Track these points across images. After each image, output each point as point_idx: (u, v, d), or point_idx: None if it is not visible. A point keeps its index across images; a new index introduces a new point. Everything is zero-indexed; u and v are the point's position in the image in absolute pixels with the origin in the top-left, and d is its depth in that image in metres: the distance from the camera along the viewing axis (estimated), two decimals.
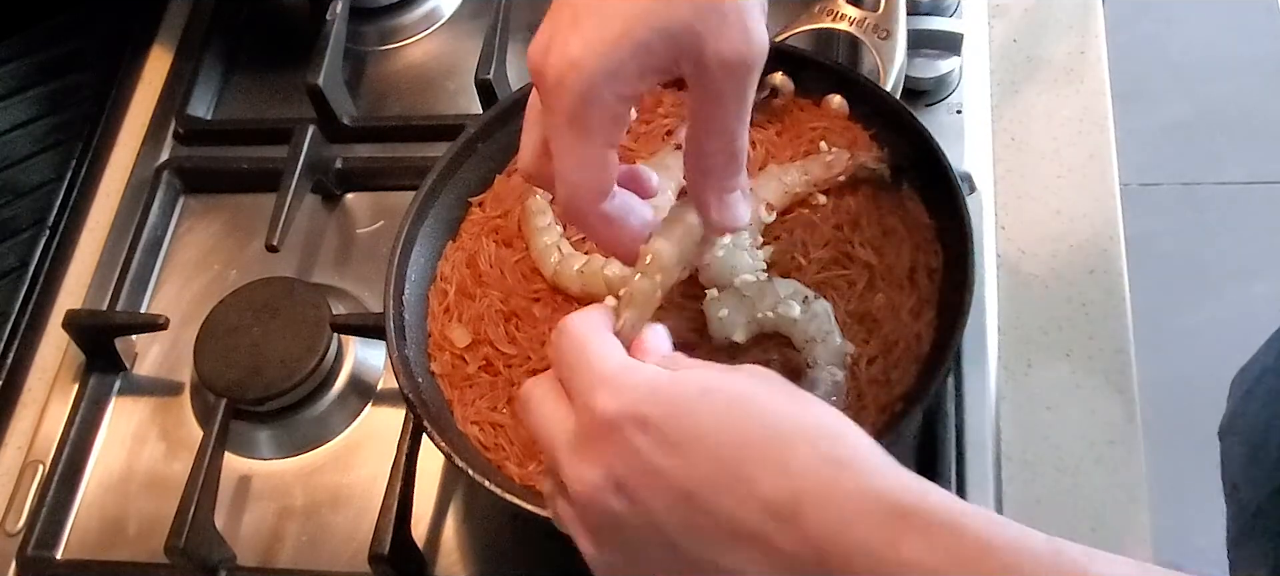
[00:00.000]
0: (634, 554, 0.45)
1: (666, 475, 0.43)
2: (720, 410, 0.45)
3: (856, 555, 0.41)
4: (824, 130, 0.72)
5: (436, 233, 0.73)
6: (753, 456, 0.43)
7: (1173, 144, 2.07)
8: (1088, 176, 0.79)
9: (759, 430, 0.44)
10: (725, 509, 0.42)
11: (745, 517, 0.42)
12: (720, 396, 0.45)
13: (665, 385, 0.46)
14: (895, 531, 0.40)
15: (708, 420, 0.44)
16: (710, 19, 0.48)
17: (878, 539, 0.40)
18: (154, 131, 0.94)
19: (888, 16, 0.77)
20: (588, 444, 0.46)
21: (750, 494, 0.42)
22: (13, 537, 0.75)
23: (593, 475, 0.45)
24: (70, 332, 0.81)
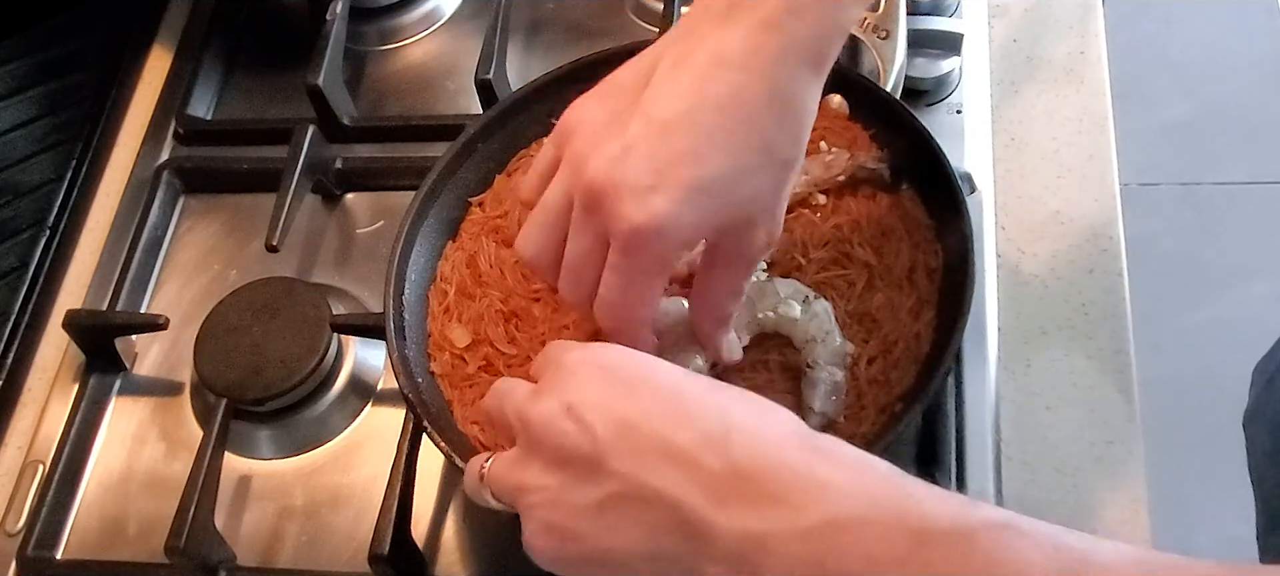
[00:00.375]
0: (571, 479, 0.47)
1: (613, 404, 0.47)
2: (675, 374, 0.50)
3: (770, 473, 0.44)
4: (824, 130, 0.72)
5: (436, 233, 0.73)
6: (694, 401, 0.47)
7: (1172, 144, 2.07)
8: (1088, 176, 0.79)
9: (706, 388, 0.49)
10: (660, 433, 0.46)
11: (679, 441, 0.45)
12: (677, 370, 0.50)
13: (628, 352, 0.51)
14: (812, 458, 0.44)
15: (661, 376, 0.49)
16: (765, 216, 0.55)
17: (798, 460, 0.44)
18: (154, 131, 0.94)
19: (888, 16, 0.77)
20: (550, 384, 0.50)
21: (686, 425, 0.46)
22: (13, 537, 0.75)
23: (550, 403, 0.49)
24: (70, 332, 0.81)
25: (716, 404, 0.47)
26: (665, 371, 0.50)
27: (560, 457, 0.48)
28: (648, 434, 0.46)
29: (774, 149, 0.53)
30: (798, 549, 0.42)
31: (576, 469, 0.47)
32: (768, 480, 0.44)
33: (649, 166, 0.52)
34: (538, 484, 0.49)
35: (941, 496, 0.43)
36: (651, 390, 0.48)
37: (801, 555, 0.42)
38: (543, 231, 0.58)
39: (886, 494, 0.43)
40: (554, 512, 0.48)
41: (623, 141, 0.53)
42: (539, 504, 0.48)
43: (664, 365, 0.50)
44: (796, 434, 0.46)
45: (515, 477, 0.50)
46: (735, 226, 0.55)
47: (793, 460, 0.44)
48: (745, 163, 0.53)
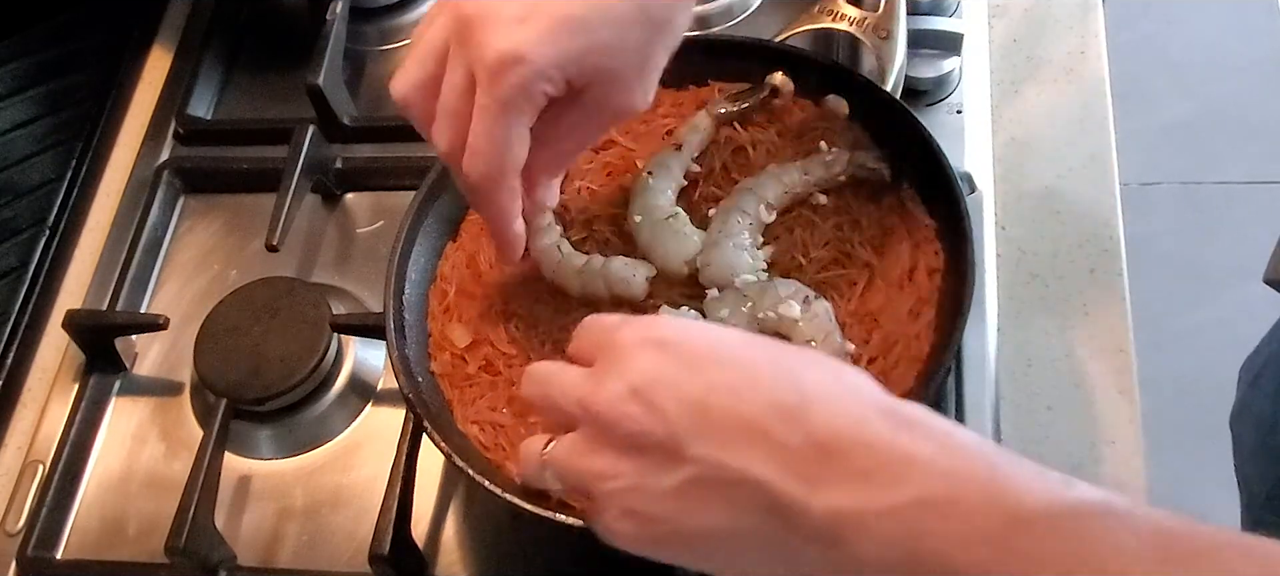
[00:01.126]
0: (647, 465, 0.46)
1: (681, 384, 0.46)
2: (734, 337, 0.49)
3: (856, 448, 0.43)
4: (824, 130, 0.72)
5: (436, 233, 0.73)
6: (763, 371, 0.46)
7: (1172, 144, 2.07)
8: (1088, 176, 0.79)
9: (769, 351, 0.48)
10: (734, 410, 0.45)
11: (754, 416, 0.44)
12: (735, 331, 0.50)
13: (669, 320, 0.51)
14: (896, 430, 0.43)
15: (722, 344, 0.48)
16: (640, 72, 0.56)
17: (881, 433, 0.43)
18: (154, 131, 0.94)
19: (888, 16, 0.77)
20: (609, 367, 0.48)
21: (759, 397, 0.45)
22: (13, 537, 0.75)
23: (614, 386, 0.47)
24: (70, 332, 0.81)
25: (788, 372, 0.46)
26: (727, 340, 0.49)
27: (634, 444, 0.47)
28: (722, 412, 0.45)
29: (646, 4, 0.55)
30: (888, 527, 0.42)
31: (652, 455, 0.46)
32: (853, 455, 0.43)
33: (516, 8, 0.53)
34: (612, 471, 0.47)
35: (1035, 473, 0.42)
36: (717, 363, 0.47)
37: (892, 534, 0.42)
38: (419, 66, 0.58)
39: (976, 470, 0.42)
40: (633, 498, 0.47)
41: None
42: (616, 491, 0.47)
43: (721, 331, 0.50)
44: (876, 403, 0.45)
45: (586, 465, 0.49)
46: (600, 75, 0.55)
47: (876, 433, 0.43)
48: (618, 13, 0.54)
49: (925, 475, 0.42)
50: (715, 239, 0.67)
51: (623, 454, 0.47)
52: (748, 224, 0.67)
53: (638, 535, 0.48)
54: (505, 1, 0.53)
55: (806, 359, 0.48)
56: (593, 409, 0.48)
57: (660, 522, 0.47)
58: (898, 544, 0.42)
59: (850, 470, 0.43)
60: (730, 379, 0.46)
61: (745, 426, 0.44)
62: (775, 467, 0.44)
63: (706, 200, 0.71)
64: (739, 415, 0.45)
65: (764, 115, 0.73)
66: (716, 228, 0.68)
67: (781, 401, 0.45)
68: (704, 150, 0.72)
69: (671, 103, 0.74)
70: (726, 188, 0.71)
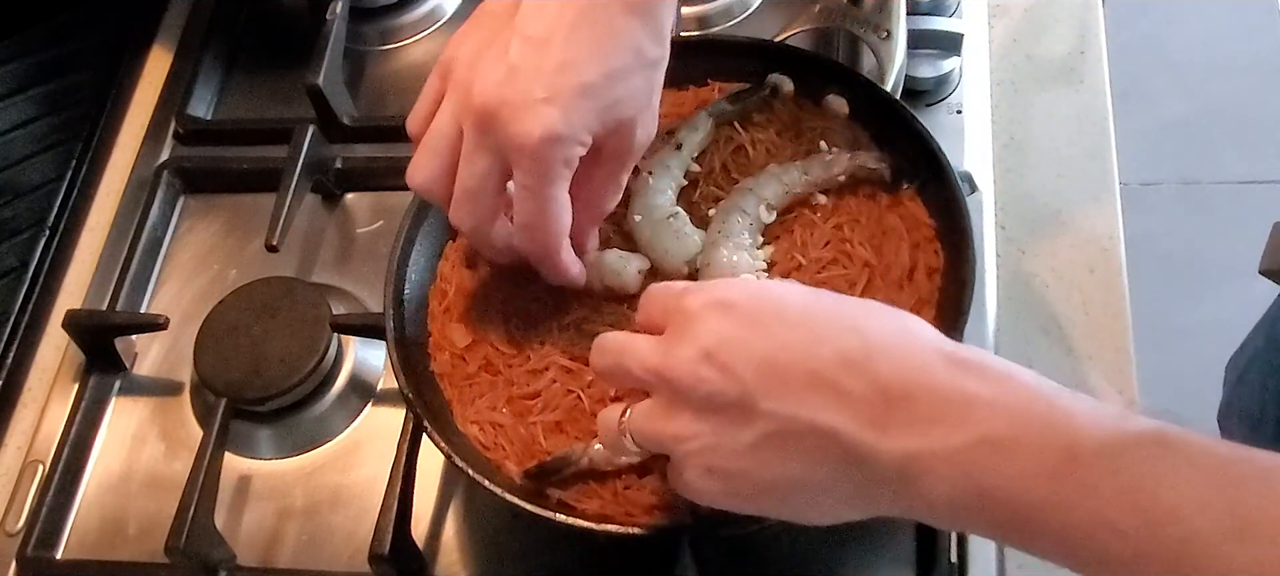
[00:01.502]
0: (724, 424, 0.49)
1: (750, 343, 0.48)
2: (796, 293, 0.51)
3: (921, 394, 0.45)
4: (824, 130, 0.72)
5: (436, 233, 0.73)
6: (826, 323, 0.49)
7: (1172, 143, 2.07)
8: (1088, 176, 0.79)
9: (832, 305, 0.51)
10: (802, 365, 0.47)
11: (821, 369, 0.47)
12: (797, 287, 0.52)
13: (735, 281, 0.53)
14: (957, 374, 0.45)
15: (786, 302, 0.50)
16: (643, 113, 0.61)
17: (944, 377, 0.45)
18: (154, 131, 0.94)
19: (888, 16, 0.77)
20: (679, 333, 0.50)
21: (825, 349, 0.47)
22: (13, 537, 0.75)
23: (686, 351, 0.49)
24: (70, 332, 0.81)
25: (851, 322, 0.48)
26: (792, 297, 0.51)
27: (710, 405, 0.49)
28: (791, 368, 0.47)
29: (642, 51, 0.59)
30: (954, 468, 0.44)
31: (728, 414, 0.48)
32: (918, 400, 0.45)
33: (536, 81, 0.56)
34: (690, 432, 0.50)
35: (1092, 408, 0.44)
36: (782, 320, 0.49)
37: (958, 474, 0.44)
38: (435, 158, 0.61)
39: (1036, 409, 0.44)
40: (713, 457, 0.49)
41: (506, 63, 0.57)
42: (696, 451, 0.50)
43: (784, 288, 0.52)
44: (938, 348, 0.47)
45: (666, 429, 0.51)
46: (618, 125, 0.59)
47: (939, 377, 0.45)
48: (619, 65, 0.58)
49: (987, 416, 0.44)
50: (715, 239, 0.67)
51: (699, 415, 0.49)
52: (748, 224, 0.67)
53: (720, 491, 0.50)
54: (523, 85, 0.56)
55: (869, 309, 0.50)
56: (667, 375, 0.50)
57: (740, 477, 0.49)
58: (964, 482, 0.44)
59: (916, 414, 0.45)
60: (797, 335, 0.48)
61: (814, 379, 0.47)
62: (845, 416, 0.46)
63: (706, 200, 0.71)
64: (807, 369, 0.47)
65: (764, 115, 0.73)
66: (716, 227, 0.68)
67: (847, 352, 0.47)
68: (704, 150, 0.72)
69: (671, 103, 0.74)
70: (726, 188, 0.71)
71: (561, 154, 0.57)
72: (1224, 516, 0.39)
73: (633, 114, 0.60)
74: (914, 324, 0.49)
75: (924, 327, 0.49)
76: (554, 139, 0.56)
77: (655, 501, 0.61)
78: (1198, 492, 0.40)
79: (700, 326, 0.50)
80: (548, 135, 0.56)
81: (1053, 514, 0.42)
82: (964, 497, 0.44)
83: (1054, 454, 0.42)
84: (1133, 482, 0.41)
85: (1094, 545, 0.41)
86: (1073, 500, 0.42)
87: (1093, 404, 0.44)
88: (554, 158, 0.57)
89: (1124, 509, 0.41)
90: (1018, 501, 0.43)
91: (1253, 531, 0.38)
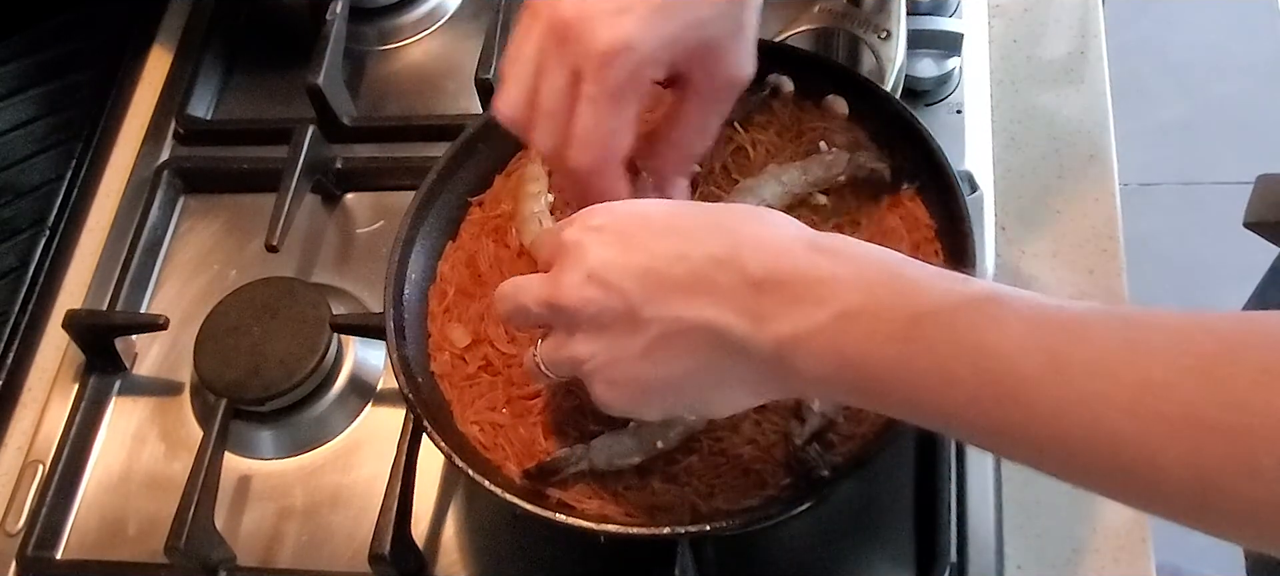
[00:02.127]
0: (615, 337, 0.52)
1: (627, 258, 0.51)
2: (659, 206, 0.55)
3: (786, 280, 0.48)
4: (824, 130, 0.72)
5: (436, 232, 0.73)
6: (694, 228, 0.51)
7: (1172, 144, 2.07)
8: (1088, 177, 0.79)
9: (696, 211, 0.54)
10: (677, 268, 0.50)
11: (694, 270, 0.50)
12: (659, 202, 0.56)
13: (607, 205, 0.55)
14: (817, 257, 0.48)
15: (653, 216, 0.53)
16: (736, 38, 0.59)
17: (806, 262, 0.48)
18: (154, 131, 0.94)
19: (888, 16, 0.77)
20: (563, 263, 0.53)
21: (696, 251, 0.50)
22: (13, 537, 0.75)
23: (571, 277, 0.52)
24: (70, 332, 0.81)
25: (718, 226, 0.51)
26: (656, 210, 0.54)
27: (599, 322, 0.52)
28: (666, 273, 0.50)
29: None
30: (819, 343, 0.47)
31: (617, 327, 0.51)
32: (784, 286, 0.48)
33: None
34: (588, 352, 0.53)
35: (935, 275, 0.47)
36: (650, 232, 0.52)
37: (823, 349, 0.47)
38: (519, 84, 0.60)
39: (885, 280, 0.47)
40: (612, 370, 0.52)
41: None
42: (596, 367, 0.53)
43: (652, 204, 0.55)
44: (801, 237, 0.50)
45: (565, 354, 0.54)
46: (702, 50, 0.58)
47: (802, 263, 0.48)
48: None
49: (844, 291, 0.47)
50: None
51: (592, 334, 0.52)
52: None
53: (626, 398, 0.54)
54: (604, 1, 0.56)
55: (732, 210, 0.54)
56: (557, 302, 0.53)
57: (639, 383, 0.52)
58: (829, 356, 0.47)
59: (783, 298, 0.48)
60: (668, 243, 0.51)
61: (690, 281, 0.50)
62: (721, 310, 0.49)
63: (707, 200, 0.71)
64: (682, 272, 0.50)
65: (764, 115, 0.73)
66: None
67: (715, 252, 0.50)
68: None
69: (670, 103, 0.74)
70: (727, 188, 0.71)
71: (629, 64, 0.56)
72: (1042, 355, 0.42)
73: (717, 38, 0.58)
74: (777, 218, 0.52)
75: (787, 221, 0.51)
76: (624, 47, 0.55)
77: (655, 501, 0.61)
78: (1021, 338, 0.43)
79: (580, 252, 0.52)
80: (618, 43, 0.55)
81: (901, 372, 0.46)
82: (830, 370, 0.47)
83: (901, 317, 0.46)
84: (965, 335, 0.44)
85: (935, 397, 0.45)
86: (917, 358, 0.45)
87: (938, 272, 0.48)
88: (621, 67, 0.56)
89: (958, 359, 0.44)
90: (872, 365, 0.46)
91: (1067, 367, 0.42)
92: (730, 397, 0.53)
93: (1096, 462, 0.42)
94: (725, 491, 0.61)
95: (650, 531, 0.59)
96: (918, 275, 0.47)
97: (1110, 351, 0.41)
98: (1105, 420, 0.41)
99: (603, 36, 0.55)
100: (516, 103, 0.60)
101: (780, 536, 0.68)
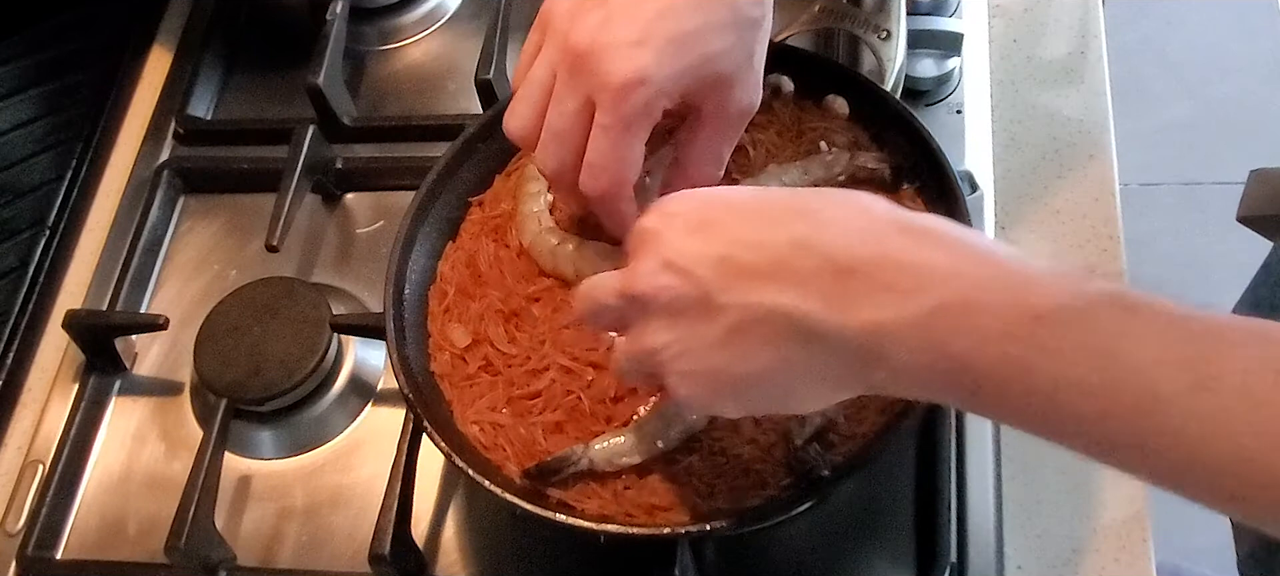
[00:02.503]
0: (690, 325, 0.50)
1: (704, 244, 0.50)
2: (746, 193, 0.53)
3: (875, 265, 0.46)
4: (824, 130, 0.72)
5: (436, 233, 0.73)
6: (775, 211, 0.50)
7: (1173, 144, 2.07)
8: (1088, 176, 0.79)
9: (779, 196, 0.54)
10: (755, 255, 0.48)
11: (773, 255, 0.48)
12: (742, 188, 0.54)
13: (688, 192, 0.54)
14: (911, 242, 0.46)
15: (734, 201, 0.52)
16: (747, 70, 0.60)
17: (896, 247, 0.46)
18: (154, 131, 0.94)
19: (888, 16, 0.77)
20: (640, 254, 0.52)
21: (777, 235, 0.48)
22: (13, 537, 0.75)
23: (647, 265, 0.51)
24: (70, 333, 0.81)
25: (799, 209, 0.49)
26: (736, 195, 0.53)
27: (674, 311, 0.50)
28: (744, 259, 0.48)
29: (739, 7, 0.58)
30: (916, 336, 0.45)
31: (692, 315, 0.50)
32: (872, 272, 0.46)
33: (630, 26, 0.56)
34: (663, 342, 0.51)
35: (1051, 271, 0.44)
36: (730, 217, 0.51)
37: (920, 342, 0.45)
38: (530, 105, 0.61)
39: (994, 272, 0.45)
40: (688, 361, 0.51)
41: (603, 10, 0.57)
42: (671, 358, 0.51)
43: (730, 189, 0.54)
44: (891, 219, 0.48)
45: (641, 346, 0.52)
46: (714, 83, 0.59)
47: (892, 247, 0.46)
48: (716, 18, 0.58)
49: (945, 281, 0.44)
50: None
51: (668, 323, 0.51)
52: None
53: (700, 391, 0.51)
54: (618, 29, 0.56)
55: (818, 194, 0.52)
56: (633, 292, 0.52)
57: (716, 375, 0.50)
58: (927, 350, 0.44)
59: (874, 286, 0.45)
60: (748, 229, 0.49)
61: (769, 266, 0.48)
62: (801, 296, 0.47)
63: None
64: (761, 257, 0.48)
65: (764, 115, 0.73)
66: None
67: (797, 236, 0.48)
68: None
69: None
70: None
71: (644, 97, 0.57)
72: (1181, 371, 0.40)
73: (729, 71, 0.59)
74: (865, 200, 0.49)
75: (876, 201, 0.49)
76: (639, 81, 0.56)
77: (655, 501, 0.61)
78: (1156, 349, 0.41)
79: (657, 240, 0.51)
80: (634, 76, 0.56)
81: (1016, 375, 0.43)
82: (925, 364, 0.45)
83: (1015, 315, 0.43)
84: (1093, 341, 0.41)
85: (1058, 405, 0.42)
86: (1035, 361, 0.42)
87: (1050, 266, 0.46)
88: (636, 100, 0.57)
89: (1087, 367, 0.41)
90: (980, 364, 0.43)
91: (1209, 384, 0.39)
92: (811, 391, 0.50)
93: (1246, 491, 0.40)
94: (725, 491, 0.61)
95: (650, 531, 0.59)
96: (1028, 268, 0.45)
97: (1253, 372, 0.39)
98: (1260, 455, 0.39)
99: (619, 68, 0.56)
100: (527, 122, 0.61)
101: (780, 536, 0.68)
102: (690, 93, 0.59)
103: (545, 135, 0.61)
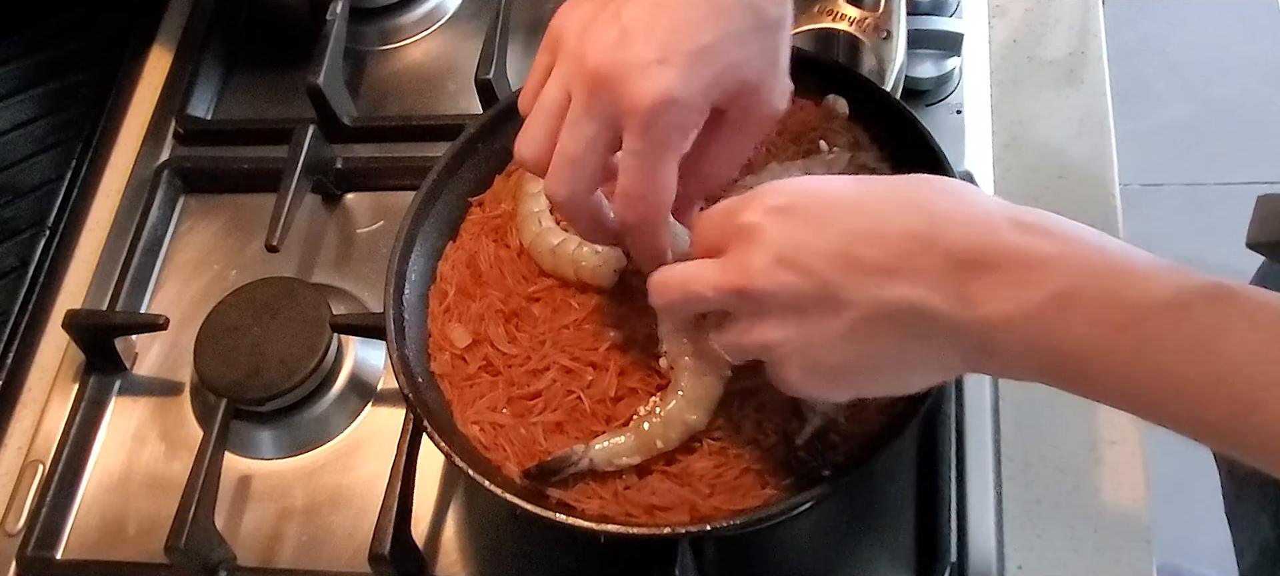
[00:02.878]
0: (811, 321, 0.50)
1: (818, 239, 0.50)
2: (851, 185, 0.52)
3: (992, 258, 0.47)
4: (824, 130, 0.72)
5: (436, 233, 0.73)
6: (890, 207, 0.50)
7: (1174, 145, 2.07)
8: (1088, 176, 0.79)
9: (883, 187, 0.52)
10: (873, 250, 0.49)
11: (894, 250, 0.48)
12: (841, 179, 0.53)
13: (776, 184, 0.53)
14: (1024, 235, 0.47)
15: (844, 194, 0.51)
16: (772, 73, 0.58)
17: (1012, 240, 0.47)
18: (154, 131, 0.94)
19: (888, 16, 0.77)
20: (746, 246, 0.51)
21: (892, 230, 0.49)
22: (13, 537, 0.75)
23: (759, 261, 0.50)
24: (70, 333, 0.81)
25: (912, 202, 0.49)
26: (841, 187, 0.52)
27: (793, 307, 0.50)
28: (864, 254, 0.49)
29: (760, 9, 0.56)
30: (1029, 326, 0.46)
31: (814, 311, 0.50)
32: (992, 266, 0.47)
33: (650, 43, 0.54)
34: (780, 337, 0.51)
35: (1155, 262, 0.45)
36: (840, 211, 0.50)
37: (1032, 332, 0.46)
38: (543, 129, 0.58)
39: (1100, 263, 0.46)
40: (809, 355, 0.51)
41: (618, 27, 0.54)
42: (790, 353, 0.52)
43: (833, 181, 0.53)
44: (1003, 212, 0.48)
45: (755, 339, 0.52)
46: (741, 90, 0.57)
47: (1007, 240, 0.47)
48: (737, 26, 0.55)
49: (1055, 273, 0.45)
50: None
51: (784, 319, 0.51)
52: None
53: (819, 382, 0.53)
54: (637, 47, 0.54)
55: (930, 184, 0.51)
56: (746, 288, 0.51)
57: (836, 366, 0.51)
58: (1037, 340, 0.46)
59: (992, 279, 0.46)
60: (862, 222, 0.49)
61: (889, 261, 0.48)
62: (926, 290, 0.47)
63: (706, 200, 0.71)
64: (880, 252, 0.48)
65: None
66: None
67: (914, 230, 0.48)
68: None
69: None
70: (727, 187, 0.71)
71: (676, 118, 0.54)
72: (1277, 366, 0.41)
73: (754, 78, 0.57)
74: (971, 192, 0.50)
75: (981, 193, 0.50)
76: (669, 102, 0.53)
77: (655, 501, 0.61)
78: (1257, 345, 0.42)
79: (765, 235, 0.50)
80: (663, 98, 0.53)
81: (1117, 365, 0.44)
82: (1035, 354, 0.46)
83: (1124, 308, 0.44)
84: (1195, 335, 0.43)
85: (1155, 395, 0.44)
86: (1138, 352, 0.43)
87: (1152, 258, 0.46)
88: (668, 122, 0.54)
89: (1188, 361, 0.43)
90: (1086, 354, 0.45)
91: None
92: (923, 377, 0.53)
93: None
94: (725, 491, 0.61)
95: (650, 531, 0.59)
96: (1137, 261, 0.45)
97: None
98: None
99: (645, 90, 0.53)
100: (541, 148, 0.58)
101: (780, 536, 0.68)
102: (716, 102, 0.57)
103: (557, 160, 0.57)
